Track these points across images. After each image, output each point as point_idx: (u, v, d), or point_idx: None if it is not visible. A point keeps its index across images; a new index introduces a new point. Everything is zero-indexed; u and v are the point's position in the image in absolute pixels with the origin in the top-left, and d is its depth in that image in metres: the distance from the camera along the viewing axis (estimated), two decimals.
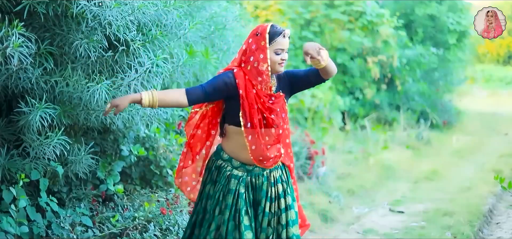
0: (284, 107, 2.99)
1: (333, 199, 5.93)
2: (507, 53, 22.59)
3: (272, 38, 2.89)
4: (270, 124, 2.94)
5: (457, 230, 4.86)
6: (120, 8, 3.10)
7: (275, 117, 2.93)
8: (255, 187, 3.05)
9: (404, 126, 10.25)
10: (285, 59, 2.94)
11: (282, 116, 2.97)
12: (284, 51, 2.93)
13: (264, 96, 2.93)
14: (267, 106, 2.92)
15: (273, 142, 2.97)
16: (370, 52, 10.30)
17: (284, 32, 2.90)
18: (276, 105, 2.95)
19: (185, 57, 3.66)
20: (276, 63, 2.91)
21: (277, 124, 2.94)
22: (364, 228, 5.21)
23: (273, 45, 2.89)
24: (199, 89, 2.94)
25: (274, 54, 2.90)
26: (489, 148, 9.57)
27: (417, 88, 11.07)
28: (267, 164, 3.00)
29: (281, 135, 3.01)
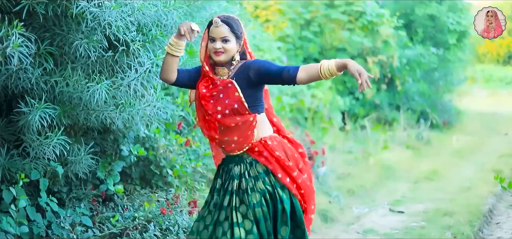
0: (231, 94, 2.94)
1: (333, 199, 5.93)
2: (507, 53, 22.58)
3: (208, 26, 2.99)
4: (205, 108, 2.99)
5: (457, 230, 4.86)
6: (120, 9, 3.10)
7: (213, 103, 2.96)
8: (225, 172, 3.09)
9: (404, 126, 10.25)
10: (218, 48, 2.94)
11: (225, 102, 2.94)
12: (218, 39, 2.94)
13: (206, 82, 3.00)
14: (202, 93, 2.99)
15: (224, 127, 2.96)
16: (370, 52, 10.30)
17: (214, 20, 2.95)
18: (214, 90, 2.97)
19: (185, 58, 3.66)
20: (211, 52, 2.98)
21: (211, 109, 2.96)
22: (364, 228, 5.21)
23: (209, 34, 2.98)
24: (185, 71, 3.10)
25: (210, 42, 2.98)
26: (489, 148, 9.57)
27: (417, 88, 11.07)
28: (227, 147, 3.03)
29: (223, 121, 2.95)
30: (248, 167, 3.01)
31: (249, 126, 2.97)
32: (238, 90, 2.94)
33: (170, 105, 4.00)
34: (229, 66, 3.01)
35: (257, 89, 3.00)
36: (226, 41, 2.95)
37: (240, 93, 2.94)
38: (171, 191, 4.47)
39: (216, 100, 2.96)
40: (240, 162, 3.03)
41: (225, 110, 2.95)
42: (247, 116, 2.95)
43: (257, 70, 2.93)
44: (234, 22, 2.98)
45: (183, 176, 4.67)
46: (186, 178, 4.72)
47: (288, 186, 3.01)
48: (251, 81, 2.95)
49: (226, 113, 2.94)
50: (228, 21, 2.96)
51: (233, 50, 2.97)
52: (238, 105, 2.94)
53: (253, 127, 2.98)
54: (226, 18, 2.97)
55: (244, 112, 2.95)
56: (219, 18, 2.95)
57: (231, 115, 2.94)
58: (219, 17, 2.96)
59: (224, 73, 3.01)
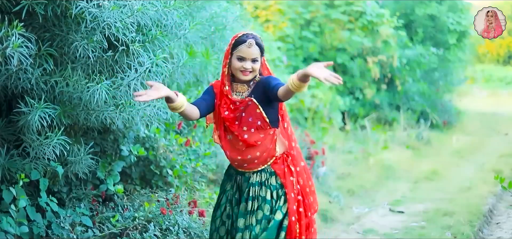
0: (254, 113, 2.97)
1: (333, 199, 5.93)
2: (507, 53, 22.58)
3: (236, 45, 2.95)
4: (231, 130, 3.00)
5: (457, 230, 4.86)
6: (119, 9, 3.10)
7: (238, 124, 2.97)
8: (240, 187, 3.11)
9: (404, 126, 10.25)
10: (247, 68, 2.94)
11: (249, 121, 2.96)
12: (248, 60, 2.94)
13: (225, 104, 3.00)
14: (226, 116, 3.00)
15: (247, 145, 2.98)
16: (370, 52, 10.30)
17: (248, 42, 2.93)
18: (236, 112, 2.98)
19: (186, 58, 3.66)
20: (238, 70, 2.96)
21: (236, 131, 2.97)
22: (364, 228, 5.21)
23: (236, 52, 2.95)
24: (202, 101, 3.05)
25: (236, 60, 2.96)
26: (489, 148, 9.57)
27: (417, 88, 11.07)
28: (248, 167, 3.05)
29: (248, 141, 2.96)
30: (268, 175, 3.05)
31: (271, 140, 3.01)
32: (259, 107, 2.96)
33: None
34: (248, 83, 3.02)
35: (274, 105, 3.02)
36: (255, 62, 2.96)
37: (261, 109, 2.96)
38: (171, 191, 4.47)
39: (240, 120, 2.98)
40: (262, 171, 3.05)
41: (251, 129, 2.97)
42: (268, 131, 2.99)
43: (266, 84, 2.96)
44: (262, 42, 3.00)
45: (183, 176, 4.67)
46: (186, 178, 4.72)
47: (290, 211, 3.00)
48: (268, 98, 2.96)
49: (252, 132, 2.97)
50: (259, 42, 2.97)
51: (258, 70, 3.00)
52: (261, 121, 2.97)
53: (275, 142, 3.02)
54: (256, 38, 2.97)
55: (266, 128, 2.98)
56: (251, 38, 2.93)
57: (255, 133, 2.97)
58: (249, 36, 2.94)
59: (244, 90, 3.02)
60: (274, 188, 3.03)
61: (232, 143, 3.02)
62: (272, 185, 3.03)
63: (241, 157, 3.00)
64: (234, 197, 3.11)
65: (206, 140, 5.31)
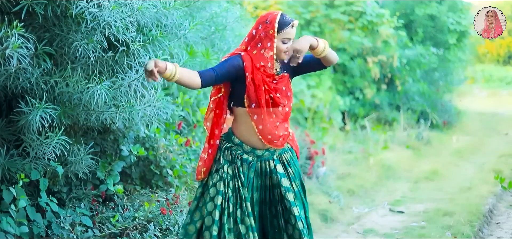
0: (289, 86, 3.12)
1: (333, 199, 5.93)
2: (507, 53, 22.57)
3: (281, 27, 3.00)
4: (277, 103, 3.04)
5: (457, 230, 4.86)
6: (120, 9, 3.10)
7: (281, 96, 3.05)
8: (265, 172, 3.13)
9: (404, 126, 10.24)
10: (289, 49, 3.04)
11: (288, 95, 3.10)
12: (291, 40, 3.04)
13: (268, 77, 3.04)
14: (273, 87, 3.03)
15: (281, 120, 3.09)
16: (370, 52, 10.30)
17: (293, 23, 3.03)
18: (280, 84, 3.07)
19: (186, 58, 3.66)
20: (282, 51, 3.03)
21: (282, 103, 3.06)
22: (364, 228, 5.21)
23: (281, 34, 3.00)
24: (211, 72, 2.97)
25: (281, 43, 3.02)
26: (489, 148, 9.56)
27: (417, 88, 11.07)
28: (277, 143, 3.09)
29: (288, 113, 3.12)
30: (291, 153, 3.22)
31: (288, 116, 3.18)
32: (290, 82, 3.13)
33: (170, 105, 3.99)
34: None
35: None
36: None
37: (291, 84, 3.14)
38: (171, 191, 4.47)
39: (281, 93, 3.06)
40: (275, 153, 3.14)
41: (290, 103, 3.11)
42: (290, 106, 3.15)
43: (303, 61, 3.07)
44: None
45: (183, 176, 4.67)
46: (186, 178, 4.72)
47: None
48: (295, 74, 3.17)
49: (290, 105, 3.13)
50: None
51: None
52: (291, 94, 3.13)
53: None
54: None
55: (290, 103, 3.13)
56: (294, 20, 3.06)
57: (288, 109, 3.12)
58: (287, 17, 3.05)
59: (277, 66, 3.11)
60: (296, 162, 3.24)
61: (270, 115, 3.04)
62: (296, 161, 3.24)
63: (277, 131, 3.07)
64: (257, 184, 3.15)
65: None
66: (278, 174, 3.12)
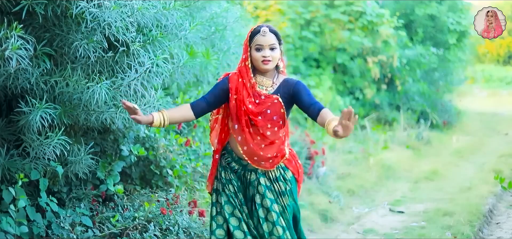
0: (276, 110, 3.02)
1: (333, 199, 5.93)
2: (507, 53, 22.59)
3: (252, 36, 3.01)
4: (255, 125, 3.01)
5: (457, 230, 4.86)
6: (120, 9, 3.10)
7: (262, 119, 3.00)
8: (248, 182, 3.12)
9: (404, 126, 10.25)
10: (267, 57, 2.97)
11: (272, 119, 3.01)
12: (265, 47, 2.98)
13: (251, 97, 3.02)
14: (250, 109, 3.00)
15: (269, 142, 3.02)
16: (370, 52, 10.30)
17: (262, 30, 2.98)
18: (264, 106, 3.00)
19: (186, 58, 3.66)
20: (258, 60, 3.00)
21: (261, 125, 3.00)
22: (364, 228, 5.21)
23: (253, 42, 3.00)
24: (202, 101, 3.09)
25: (255, 51, 3.00)
26: (489, 148, 9.57)
27: (417, 88, 11.07)
28: (265, 164, 3.05)
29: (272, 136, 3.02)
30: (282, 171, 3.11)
31: (282, 140, 3.07)
32: (284, 107, 3.02)
33: (170, 105, 3.99)
34: (271, 77, 3.06)
35: (290, 106, 3.09)
36: (273, 50, 2.99)
37: (285, 109, 3.03)
38: (171, 191, 4.47)
39: (264, 116, 3.00)
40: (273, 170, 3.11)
41: (274, 128, 3.02)
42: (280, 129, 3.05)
43: (298, 93, 2.99)
44: (277, 30, 3.05)
45: (183, 176, 4.67)
46: (186, 178, 4.72)
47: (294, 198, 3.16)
48: (291, 100, 3.02)
49: (275, 130, 3.02)
50: (274, 29, 3.02)
51: (278, 59, 3.03)
52: (277, 117, 3.02)
53: (284, 141, 3.09)
54: (270, 26, 3.02)
55: (279, 124, 3.04)
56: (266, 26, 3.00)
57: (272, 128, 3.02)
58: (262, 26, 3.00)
59: (268, 85, 3.05)
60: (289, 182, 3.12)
61: (252, 136, 3.02)
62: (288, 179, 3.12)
63: (263, 153, 3.02)
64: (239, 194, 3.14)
65: (206, 140, 5.31)
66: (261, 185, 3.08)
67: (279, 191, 3.08)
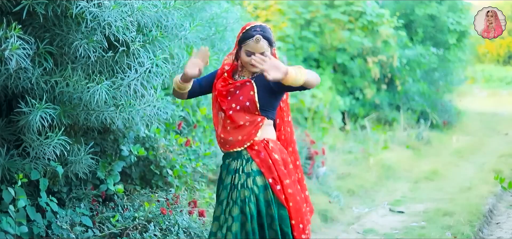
0: (246, 92, 2.97)
1: (333, 199, 5.93)
2: (507, 53, 22.58)
3: (244, 38, 2.97)
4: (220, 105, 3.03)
5: (457, 230, 4.86)
6: (120, 9, 3.10)
7: (231, 100, 2.99)
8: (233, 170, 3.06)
9: (404, 126, 10.25)
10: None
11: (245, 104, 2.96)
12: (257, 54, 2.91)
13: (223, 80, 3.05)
14: (219, 89, 3.04)
15: (236, 126, 2.98)
16: (370, 52, 10.30)
17: (255, 38, 2.93)
18: (230, 86, 3.01)
19: (186, 58, 3.66)
20: (247, 63, 2.99)
21: (227, 107, 3.00)
22: (364, 228, 5.21)
23: (244, 46, 2.97)
24: (196, 83, 3.17)
25: (244, 54, 2.99)
26: (489, 148, 9.57)
27: (417, 88, 11.07)
28: (230, 147, 3.02)
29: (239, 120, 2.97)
30: (244, 162, 3.01)
31: (255, 126, 2.99)
32: (254, 90, 2.98)
33: (170, 105, 3.99)
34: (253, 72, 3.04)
35: (274, 98, 3.02)
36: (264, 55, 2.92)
37: (255, 93, 2.97)
38: (171, 191, 4.47)
39: (232, 96, 3.01)
40: (238, 157, 3.03)
41: (237, 107, 2.98)
42: (255, 117, 2.99)
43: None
44: (270, 34, 2.99)
45: (183, 176, 4.68)
46: (186, 178, 4.72)
47: (277, 194, 2.97)
48: (271, 89, 2.95)
49: (237, 109, 2.97)
50: (267, 36, 2.96)
51: None
52: (250, 103, 2.97)
53: (258, 128, 3.00)
54: (264, 31, 2.96)
55: (254, 112, 2.98)
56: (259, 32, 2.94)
57: (241, 112, 2.98)
58: (257, 30, 2.94)
59: (247, 74, 3.04)
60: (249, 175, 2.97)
61: (221, 120, 3.04)
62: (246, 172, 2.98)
63: (224, 135, 3.01)
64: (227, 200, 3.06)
65: (206, 140, 5.31)
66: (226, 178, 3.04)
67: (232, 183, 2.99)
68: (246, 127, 2.98)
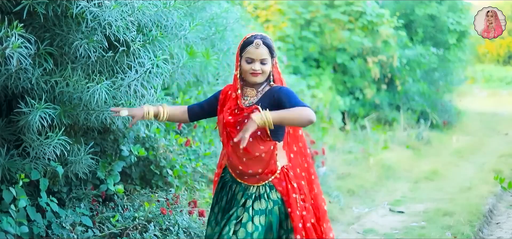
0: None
1: (333, 199, 5.93)
2: (507, 53, 22.59)
3: (244, 46, 2.88)
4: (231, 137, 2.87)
5: (457, 230, 4.86)
6: (120, 8, 3.10)
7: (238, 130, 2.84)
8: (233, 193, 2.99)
9: (404, 126, 10.25)
10: (256, 70, 2.85)
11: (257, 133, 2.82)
12: (256, 61, 2.86)
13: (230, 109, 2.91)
14: (228, 120, 2.89)
15: (251, 156, 2.86)
16: (370, 52, 10.30)
17: (255, 42, 2.85)
18: (238, 117, 2.87)
19: (186, 58, 3.66)
20: (247, 72, 2.88)
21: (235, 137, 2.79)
22: (364, 228, 5.21)
23: (244, 54, 2.88)
24: (197, 107, 3.11)
25: (245, 62, 2.88)
26: (489, 148, 9.57)
27: (417, 88, 11.07)
28: (249, 179, 2.92)
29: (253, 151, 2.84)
30: (268, 189, 2.91)
31: (271, 155, 2.88)
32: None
33: (170, 105, 3.99)
34: (258, 87, 2.92)
35: None
36: (264, 63, 2.87)
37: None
38: (171, 191, 4.47)
39: (241, 126, 2.84)
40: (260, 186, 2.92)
41: (257, 142, 2.84)
42: (268, 144, 2.86)
43: (279, 99, 2.83)
44: (271, 42, 2.91)
45: (183, 176, 4.68)
46: (186, 178, 4.72)
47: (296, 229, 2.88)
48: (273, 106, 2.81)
49: (250, 141, 2.79)
50: (267, 42, 2.87)
51: (268, 71, 2.90)
52: (261, 132, 2.83)
53: (274, 155, 2.89)
54: (264, 38, 2.88)
55: (266, 139, 2.85)
56: (259, 38, 2.86)
57: (254, 143, 2.83)
58: (257, 36, 2.87)
59: (252, 95, 2.92)
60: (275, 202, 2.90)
61: (234, 149, 2.89)
62: (273, 200, 2.90)
63: (243, 168, 2.89)
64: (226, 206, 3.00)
65: (206, 140, 5.31)
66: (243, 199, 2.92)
67: (258, 209, 2.87)
68: (262, 159, 2.87)
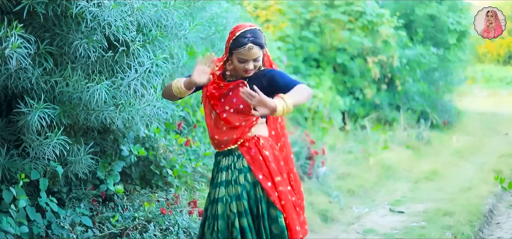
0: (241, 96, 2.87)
1: (333, 199, 5.93)
2: (507, 53, 22.59)
3: (235, 46, 2.93)
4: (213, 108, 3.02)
5: (457, 230, 4.86)
6: (120, 8, 3.10)
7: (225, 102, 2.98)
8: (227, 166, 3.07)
9: (404, 126, 10.25)
10: (249, 68, 2.94)
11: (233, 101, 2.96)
12: (249, 61, 2.93)
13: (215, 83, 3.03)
14: (211, 93, 3.02)
15: (230, 126, 2.98)
16: (370, 52, 10.30)
17: (248, 47, 2.89)
18: (224, 89, 3.00)
19: (186, 58, 3.66)
20: (241, 70, 2.98)
21: (218, 109, 2.99)
22: (364, 228, 5.21)
23: (236, 53, 2.94)
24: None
25: (237, 61, 2.96)
26: (489, 148, 9.57)
27: (417, 88, 11.07)
28: (224, 147, 3.02)
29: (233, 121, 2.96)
30: (235, 159, 3.01)
31: (249, 125, 2.99)
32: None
33: (170, 105, 4.00)
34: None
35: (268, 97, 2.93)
36: (257, 60, 2.95)
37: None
38: (171, 191, 4.47)
39: (225, 98, 3.00)
40: (229, 154, 3.03)
41: (230, 110, 2.97)
42: (250, 117, 2.97)
43: (270, 79, 2.93)
44: (262, 38, 2.95)
45: (183, 176, 4.67)
46: (186, 178, 4.72)
47: (268, 192, 2.95)
48: (264, 89, 2.84)
49: (231, 112, 2.96)
50: (258, 41, 2.91)
51: (260, 64, 2.99)
52: (244, 106, 2.94)
53: (252, 126, 3.00)
54: (255, 37, 2.91)
55: (248, 113, 2.94)
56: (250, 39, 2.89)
57: (235, 114, 2.96)
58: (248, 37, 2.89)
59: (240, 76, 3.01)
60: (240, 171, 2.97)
61: (214, 121, 3.03)
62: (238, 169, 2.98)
63: (219, 137, 3.00)
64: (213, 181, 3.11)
65: (206, 140, 5.31)
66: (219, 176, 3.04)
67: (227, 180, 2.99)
68: (241, 127, 2.99)
